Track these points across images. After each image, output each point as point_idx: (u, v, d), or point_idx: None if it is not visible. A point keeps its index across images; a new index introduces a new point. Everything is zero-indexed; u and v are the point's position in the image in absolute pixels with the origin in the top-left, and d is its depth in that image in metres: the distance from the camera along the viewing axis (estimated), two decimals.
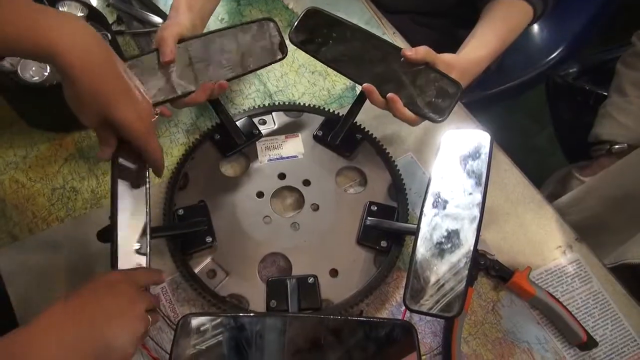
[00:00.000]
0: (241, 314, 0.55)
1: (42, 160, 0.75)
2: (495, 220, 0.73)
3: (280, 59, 0.69)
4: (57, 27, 0.47)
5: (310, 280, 0.65)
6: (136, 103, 0.53)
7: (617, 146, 0.85)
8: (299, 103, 0.79)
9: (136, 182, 0.57)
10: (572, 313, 0.65)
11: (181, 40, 0.64)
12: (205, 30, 0.69)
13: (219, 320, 0.53)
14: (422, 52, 0.66)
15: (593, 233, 0.74)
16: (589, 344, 0.63)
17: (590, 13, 1.21)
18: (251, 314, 0.58)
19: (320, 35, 0.69)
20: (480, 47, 0.72)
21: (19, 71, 0.68)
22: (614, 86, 0.90)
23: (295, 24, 0.69)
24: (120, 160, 0.56)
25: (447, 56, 0.68)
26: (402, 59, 0.67)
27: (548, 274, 0.70)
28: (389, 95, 0.66)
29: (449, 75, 0.67)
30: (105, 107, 0.50)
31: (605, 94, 0.95)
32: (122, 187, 0.56)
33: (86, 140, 0.76)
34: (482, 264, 0.67)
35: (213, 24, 0.86)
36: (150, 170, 0.59)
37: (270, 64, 0.69)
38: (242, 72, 0.67)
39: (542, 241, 0.72)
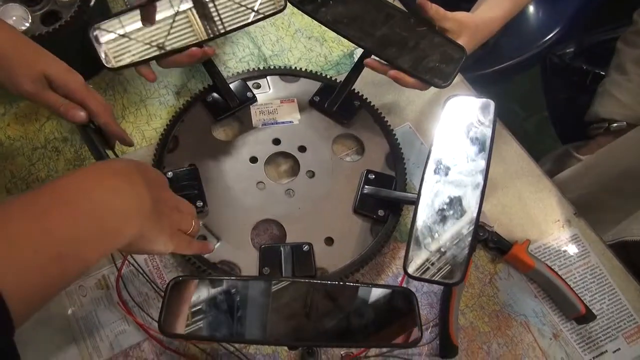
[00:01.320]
0: (232, 277, 0.52)
1: (22, 118, 0.70)
2: (493, 193, 0.71)
3: (279, 11, 0.65)
4: None
5: (305, 247, 0.62)
6: (59, 60, 0.55)
7: (615, 124, 0.84)
8: (295, 68, 0.76)
9: None
10: (571, 286, 0.63)
11: None
12: None
13: (209, 283, 0.50)
14: (434, 9, 0.65)
15: (591, 211, 0.72)
16: (587, 316, 0.62)
17: None
18: (242, 277, 0.55)
19: None
20: (494, 7, 0.69)
21: None
22: (614, 64, 0.89)
23: None
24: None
25: (459, 14, 0.66)
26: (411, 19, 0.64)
27: (546, 248, 0.69)
28: (390, 73, 0.64)
29: (454, 40, 0.65)
30: (34, 63, 0.52)
31: (603, 73, 0.94)
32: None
33: None
34: (481, 235, 0.66)
35: None
36: None
37: (267, 17, 0.65)
38: (236, 26, 0.64)
39: (541, 215, 0.71)
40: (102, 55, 0.60)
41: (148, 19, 0.60)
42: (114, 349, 0.58)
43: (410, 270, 0.55)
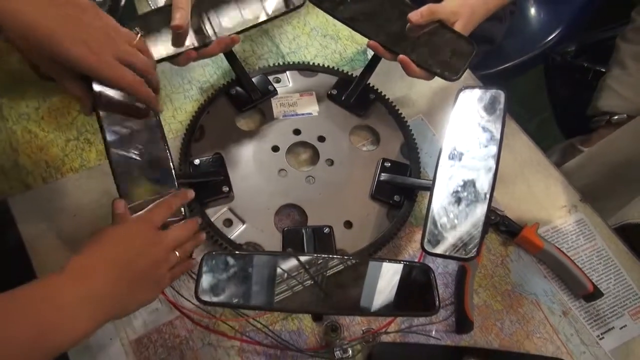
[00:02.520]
0: (258, 252, 0.56)
1: (55, 112, 0.74)
2: (503, 181, 0.75)
3: (298, 7, 0.69)
4: None
5: (326, 230, 0.66)
6: (84, 36, 0.47)
7: (616, 117, 0.88)
8: (313, 64, 0.80)
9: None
10: (578, 266, 0.67)
11: None
12: None
13: (237, 257, 0.54)
14: (426, 13, 0.66)
15: (595, 199, 0.76)
16: (595, 294, 0.65)
17: None
18: (267, 252, 0.58)
19: None
20: None
21: None
22: (614, 60, 0.93)
23: None
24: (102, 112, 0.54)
25: (449, 4, 0.68)
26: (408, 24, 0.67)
27: (554, 232, 0.72)
28: (400, 57, 0.67)
29: (463, 35, 0.68)
30: (49, 48, 0.46)
31: (603, 70, 0.98)
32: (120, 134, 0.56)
33: None
34: (492, 219, 0.69)
35: None
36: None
37: (287, 12, 0.68)
38: (259, 21, 0.67)
39: (548, 201, 0.74)
40: None
41: (177, 42, 0.62)
42: (147, 325, 0.61)
43: (427, 247, 0.58)
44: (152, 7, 0.83)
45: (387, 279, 0.55)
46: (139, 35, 0.54)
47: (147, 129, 0.59)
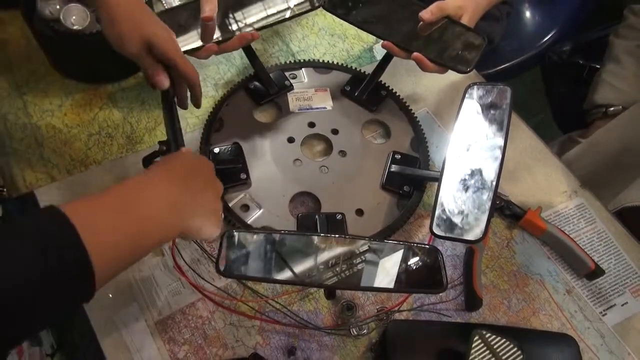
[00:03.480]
0: (273, 231, 0.58)
1: (77, 108, 0.77)
2: (506, 169, 0.76)
3: (318, 6, 0.72)
4: None
5: (338, 216, 0.69)
6: (163, 28, 0.60)
7: (612, 108, 0.92)
8: (326, 62, 0.83)
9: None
10: (580, 246, 0.70)
11: None
12: None
13: (258, 235, 0.57)
14: (435, 10, 0.70)
15: (594, 186, 0.79)
16: (597, 272, 0.69)
17: None
18: (282, 231, 0.60)
19: (351, 0, 0.73)
20: None
21: (61, 18, 0.71)
22: (609, 56, 0.97)
23: None
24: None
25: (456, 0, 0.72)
26: (420, 23, 0.71)
27: (556, 215, 0.76)
28: (414, 54, 0.71)
29: (471, 28, 0.72)
30: (141, 27, 0.58)
31: (598, 66, 1.03)
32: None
33: (119, 92, 0.80)
34: (497, 203, 0.73)
35: None
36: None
37: (310, 11, 0.72)
38: (283, 19, 0.71)
39: (550, 187, 0.78)
40: None
41: (205, 37, 0.67)
42: (171, 307, 0.64)
43: (436, 230, 0.61)
44: (166, 7, 0.87)
45: (399, 259, 0.58)
46: None
47: None
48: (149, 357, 0.61)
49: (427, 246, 0.61)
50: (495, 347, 0.57)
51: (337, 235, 0.58)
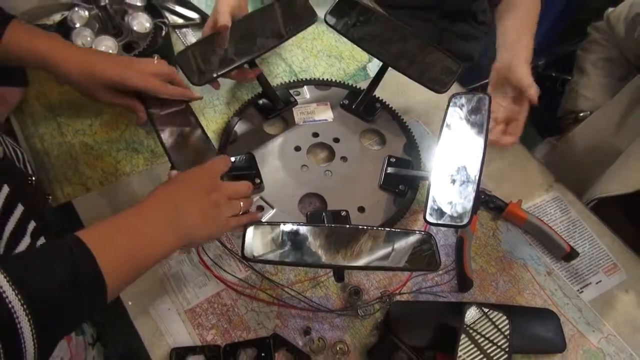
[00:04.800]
0: (290, 222, 0.67)
1: (105, 127, 0.87)
2: (488, 167, 0.87)
3: (312, 23, 0.84)
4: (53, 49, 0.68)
5: (343, 213, 0.78)
6: (129, 66, 0.70)
7: (582, 114, 1.03)
8: (325, 79, 0.94)
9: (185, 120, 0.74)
10: (557, 232, 0.80)
11: (232, 21, 0.79)
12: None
13: (276, 226, 0.66)
14: (533, 89, 0.84)
15: (570, 182, 0.89)
16: (572, 254, 0.78)
17: (552, 18, 1.42)
18: (300, 222, 0.69)
19: (350, 18, 0.83)
20: (522, 38, 0.88)
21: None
22: (576, 68, 1.08)
23: (331, 8, 0.84)
24: (154, 111, 0.73)
25: (521, 70, 0.86)
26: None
27: (535, 207, 0.85)
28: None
29: (452, 55, 0.82)
30: (95, 76, 0.68)
31: (569, 77, 1.14)
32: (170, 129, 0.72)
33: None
34: (482, 197, 0.82)
35: None
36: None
37: (304, 28, 0.83)
38: (283, 40, 0.82)
39: (528, 182, 0.88)
40: (189, 75, 0.77)
41: (220, 44, 0.78)
42: (198, 297, 0.72)
43: (429, 219, 0.70)
44: (185, 44, 0.98)
45: (399, 243, 0.67)
46: (156, 57, 0.75)
47: (184, 120, 0.75)
48: (181, 341, 0.69)
49: (423, 232, 0.70)
50: (484, 317, 0.66)
51: (345, 225, 0.68)
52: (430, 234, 0.67)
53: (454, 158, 0.75)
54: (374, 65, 1.00)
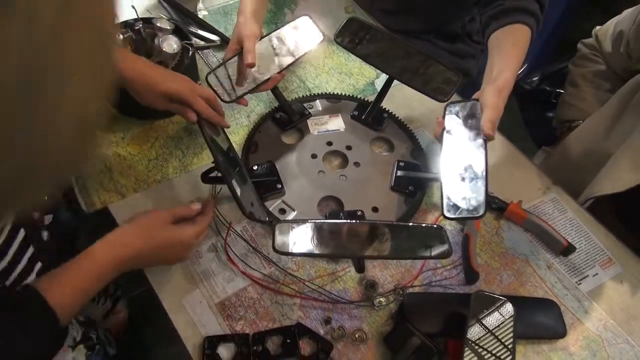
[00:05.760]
0: (315, 219, 0.74)
1: (137, 139, 0.94)
2: (491, 173, 0.94)
3: (320, 42, 0.93)
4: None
5: (359, 213, 0.85)
6: (175, 81, 0.82)
7: (574, 123, 1.11)
8: (336, 93, 1.02)
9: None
10: (555, 229, 0.86)
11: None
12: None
13: (302, 224, 0.73)
14: (489, 125, 0.81)
15: (566, 184, 0.96)
16: (569, 248, 0.84)
17: (545, 38, 1.52)
18: (322, 220, 0.76)
19: (357, 37, 0.92)
20: (505, 69, 0.88)
21: None
22: (568, 81, 1.17)
23: (339, 29, 0.92)
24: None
25: (490, 100, 0.84)
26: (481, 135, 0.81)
27: (534, 208, 0.92)
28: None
29: (452, 67, 0.90)
30: (154, 86, 0.80)
31: (562, 91, 1.22)
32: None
33: (169, 125, 0.97)
34: None
35: None
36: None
37: (314, 47, 0.92)
38: (297, 57, 0.90)
39: (526, 185, 0.95)
40: (220, 93, 0.85)
41: (250, 65, 0.86)
42: (227, 291, 0.79)
43: (447, 214, 0.77)
44: (209, 66, 1.06)
45: (414, 235, 0.74)
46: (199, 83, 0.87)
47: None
48: (213, 331, 0.75)
49: (434, 225, 0.77)
50: (491, 304, 0.72)
51: (365, 221, 0.75)
52: (441, 226, 0.74)
53: (460, 159, 0.83)
54: (381, 80, 1.09)
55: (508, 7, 0.96)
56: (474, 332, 0.71)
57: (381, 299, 0.78)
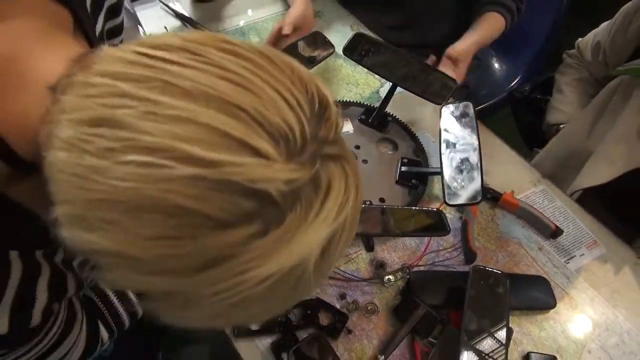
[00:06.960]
0: None
1: None
2: (486, 167, 1.05)
3: (332, 53, 1.05)
4: None
5: (368, 202, 0.96)
6: None
7: (561, 126, 1.22)
8: (345, 100, 1.14)
9: None
10: (544, 214, 0.97)
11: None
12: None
13: None
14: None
15: (554, 179, 1.07)
16: (557, 232, 0.94)
17: (535, 51, 1.64)
18: None
19: (363, 50, 1.04)
20: (474, 34, 1.16)
21: None
22: (555, 88, 1.28)
23: (346, 43, 1.04)
24: None
25: (458, 49, 1.11)
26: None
27: (526, 198, 1.02)
28: None
29: (449, 75, 1.02)
30: None
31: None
32: None
33: None
34: None
35: None
36: None
37: (328, 56, 1.04)
38: (315, 63, 1.02)
39: (517, 178, 1.05)
40: None
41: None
42: None
43: (449, 201, 0.87)
44: None
45: (417, 216, 0.85)
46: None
47: None
48: None
49: (434, 209, 0.88)
50: (487, 277, 0.82)
51: (375, 205, 0.85)
52: (440, 210, 0.84)
53: (457, 153, 0.93)
54: (385, 89, 1.20)
55: (486, 0, 1.23)
56: (472, 302, 0.80)
57: (390, 277, 0.88)
